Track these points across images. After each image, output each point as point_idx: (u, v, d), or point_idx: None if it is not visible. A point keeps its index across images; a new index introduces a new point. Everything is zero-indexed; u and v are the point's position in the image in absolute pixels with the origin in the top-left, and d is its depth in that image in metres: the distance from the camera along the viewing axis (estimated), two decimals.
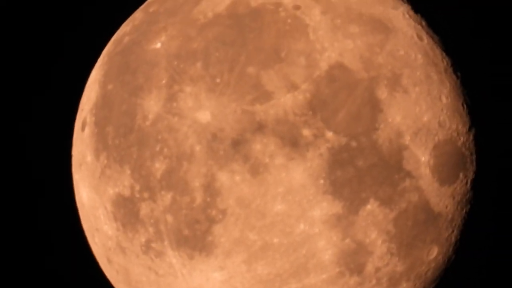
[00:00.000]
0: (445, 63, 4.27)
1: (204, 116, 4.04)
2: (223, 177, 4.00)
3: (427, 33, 4.31)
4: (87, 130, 4.47)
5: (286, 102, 3.99)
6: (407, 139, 4.07)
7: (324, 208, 4.00)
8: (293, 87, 4.00)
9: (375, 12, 4.24)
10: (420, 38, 4.27)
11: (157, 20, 4.39)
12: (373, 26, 4.18)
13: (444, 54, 4.29)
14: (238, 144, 3.99)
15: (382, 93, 4.05)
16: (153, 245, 4.22)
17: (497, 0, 5.90)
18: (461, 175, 4.25)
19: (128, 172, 4.19)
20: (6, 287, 6.28)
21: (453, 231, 4.31)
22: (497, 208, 4.63)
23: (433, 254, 4.30)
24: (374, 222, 4.06)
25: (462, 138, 4.24)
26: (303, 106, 3.99)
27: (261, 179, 3.99)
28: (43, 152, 6.26)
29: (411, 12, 4.34)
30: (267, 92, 4.01)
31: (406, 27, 4.26)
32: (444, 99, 4.20)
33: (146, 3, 4.71)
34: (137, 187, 4.17)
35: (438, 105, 4.17)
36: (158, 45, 4.28)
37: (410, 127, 4.08)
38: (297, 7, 4.19)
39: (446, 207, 4.22)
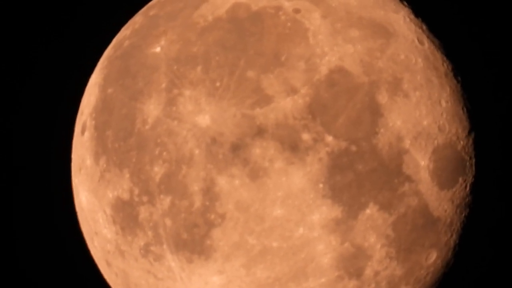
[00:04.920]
0: (446, 67, 4.26)
1: (203, 120, 4.04)
2: (222, 181, 4.00)
3: (428, 37, 4.30)
4: (86, 134, 4.47)
5: (286, 106, 3.99)
6: (407, 143, 4.06)
7: (324, 212, 4.00)
8: (293, 91, 4.00)
9: (376, 16, 4.23)
10: (421, 42, 4.26)
11: (157, 24, 4.39)
12: (374, 30, 4.17)
13: (444, 58, 4.29)
14: (237, 148, 3.99)
15: (383, 98, 4.05)
16: (152, 248, 4.22)
17: (497, 5, 5.90)
18: (460, 179, 4.24)
19: (127, 176, 4.19)
20: None
21: (452, 235, 4.30)
22: (496, 212, 4.63)
23: (432, 258, 4.29)
24: (373, 226, 4.06)
25: (461, 142, 4.24)
26: (303, 110, 3.98)
27: (260, 183, 3.98)
28: (42, 156, 6.26)
29: (412, 16, 4.34)
30: (267, 96, 4.01)
31: (407, 31, 4.26)
32: (444, 103, 4.19)
33: (146, 6, 4.70)
34: (136, 191, 4.17)
35: (438, 109, 4.17)
36: (158, 49, 4.28)
37: (410, 131, 4.07)
38: (297, 11, 4.19)
39: (445, 211, 4.21)
